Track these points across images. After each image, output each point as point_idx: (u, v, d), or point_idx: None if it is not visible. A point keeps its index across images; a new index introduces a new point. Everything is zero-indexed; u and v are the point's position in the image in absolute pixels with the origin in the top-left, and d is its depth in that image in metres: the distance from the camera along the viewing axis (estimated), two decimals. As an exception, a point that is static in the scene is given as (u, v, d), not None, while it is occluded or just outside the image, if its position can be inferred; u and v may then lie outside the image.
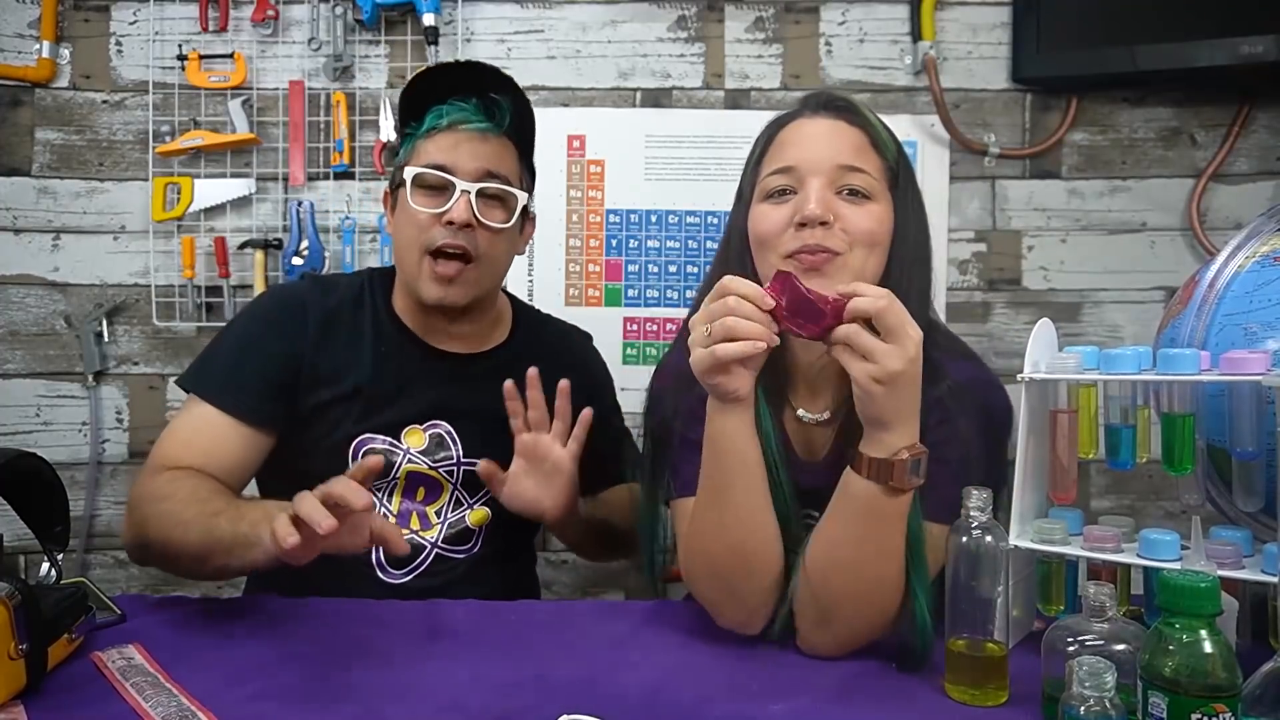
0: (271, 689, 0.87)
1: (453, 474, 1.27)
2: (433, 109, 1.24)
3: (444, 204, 1.20)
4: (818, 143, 1.01)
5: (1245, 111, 1.90)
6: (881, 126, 1.04)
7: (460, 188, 1.20)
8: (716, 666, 0.93)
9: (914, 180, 1.06)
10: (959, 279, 1.96)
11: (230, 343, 1.26)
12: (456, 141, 1.22)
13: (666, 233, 1.94)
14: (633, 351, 1.94)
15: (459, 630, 1.02)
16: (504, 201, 1.24)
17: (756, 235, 1.02)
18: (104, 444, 1.93)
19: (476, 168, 1.22)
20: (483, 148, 1.23)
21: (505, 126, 1.25)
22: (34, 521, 1.00)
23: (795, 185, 1.00)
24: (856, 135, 1.02)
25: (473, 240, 1.21)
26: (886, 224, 1.00)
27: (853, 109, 1.04)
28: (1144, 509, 1.93)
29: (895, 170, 1.03)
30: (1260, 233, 1.03)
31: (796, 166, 1.00)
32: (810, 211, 0.96)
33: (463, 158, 1.21)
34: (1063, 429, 0.96)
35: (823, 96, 1.07)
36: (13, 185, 1.91)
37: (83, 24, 1.91)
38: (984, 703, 0.84)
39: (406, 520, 1.26)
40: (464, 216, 1.19)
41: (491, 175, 1.22)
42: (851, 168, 0.99)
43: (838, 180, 0.99)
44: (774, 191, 1.01)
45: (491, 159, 1.23)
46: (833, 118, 1.03)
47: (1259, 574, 0.84)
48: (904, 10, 1.94)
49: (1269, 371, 0.84)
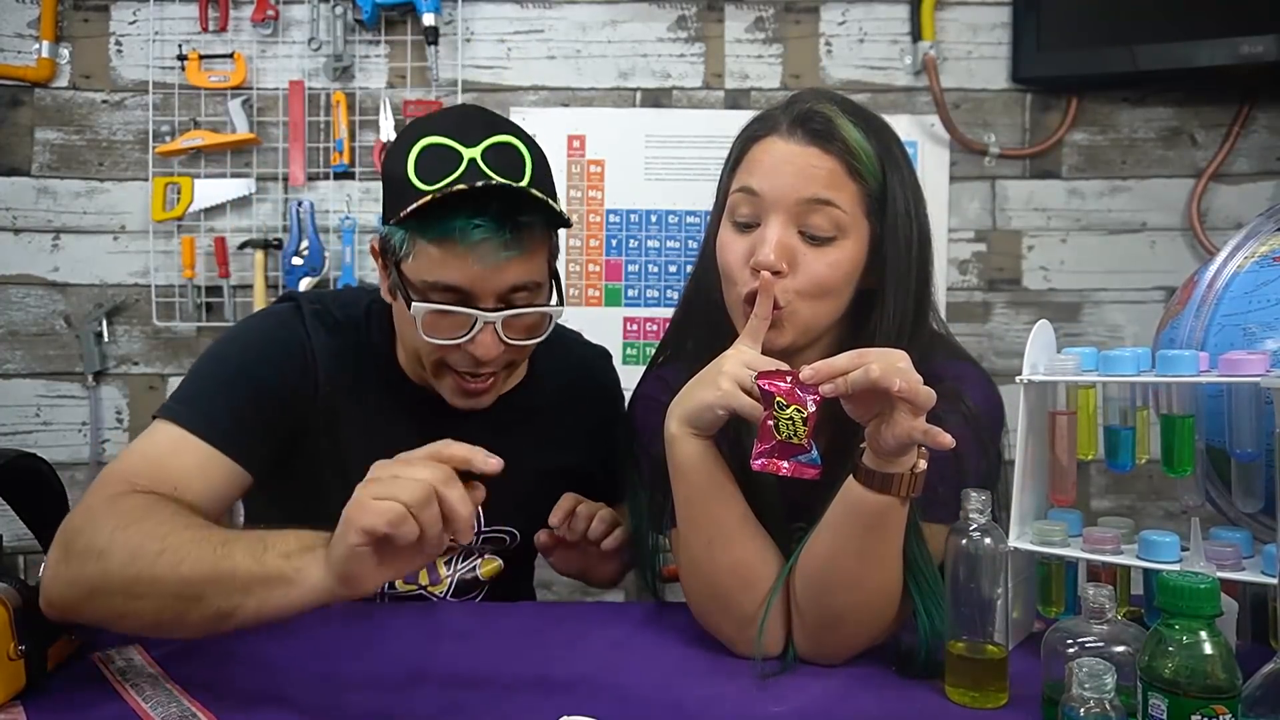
0: (271, 689, 0.87)
1: (473, 541, 1.14)
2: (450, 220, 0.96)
3: (460, 330, 0.99)
4: (786, 171, 0.96)
5: (1245, 111, 1.90)
6: (863, 147, 0.97)
7: (483, 319, 0.98)
8: (716, 667, 0.93)
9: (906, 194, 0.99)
10: (959, 279, 1.96)
11: (216, 369, 1.06)
12: (476, 261, 0.97)
13: (666, 233, 1.94)
14: (633, 351, 1.94)
15: (459, 630, 1.02)
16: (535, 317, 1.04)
17: (720, 263, 1.01)
18: (104, 444, 1.93)
19: (500, 287, 0.99)
20: (508, 268, 0.99)
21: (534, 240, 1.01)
22: (34, 521, 1.00)
23: (758, 216, 0.97)
24: (829, 164, 0.96)
25: (501, 362, 1.03)
26: (846, 266, 0.97)
27: (829, 134, 0.96)
28: (1144, 510, 1.93)
29: (880, 193, 0.97)
30: (1260, 233, 1.03)
31: (761, 196, 0.97)
32: (762, 258, 0.94)
33: (485, 282, 0.98)
34: (1062, 430, 0.96)
35: (801, 110, 0.98)
36: (13, 185, 1.91)
37: (82, 24, 1.91)
38: (984, 705, 0.84)
39: (414, 576, 1.14)
40: (491, 351, 1.00)
41: (518, 290, 1.00)
42: (818, 201, 0.95)
43: (801, 217, 0.96)
44: (738, 219, 0.99)
45: (519, 276, 1.00)
46: (806, 144, 0.96)
47: (1259, 575, 0.84)
48: (904, 10, 1.94)
49: (1268, 372, 0.84)
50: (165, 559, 0.80)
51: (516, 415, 1.16)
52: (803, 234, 0.96)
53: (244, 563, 0.79)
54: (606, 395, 1.32)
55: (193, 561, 0.80)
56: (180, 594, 0.80)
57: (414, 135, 1.00)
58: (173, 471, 0.95)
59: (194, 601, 0.80)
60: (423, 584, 1.15)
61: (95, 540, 0.84)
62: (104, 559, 0.82)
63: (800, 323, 0.97)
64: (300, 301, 1.11)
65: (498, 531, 1.17)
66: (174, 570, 0.80)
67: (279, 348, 1.06)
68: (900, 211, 0.98)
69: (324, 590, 0.78)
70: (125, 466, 0.95)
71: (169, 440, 0.98)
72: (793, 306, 0.96)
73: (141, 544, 0.82)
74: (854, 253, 0.97)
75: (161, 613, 0.81)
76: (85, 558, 0.83)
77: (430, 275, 0.98)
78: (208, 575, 0.79)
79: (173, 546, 0.81)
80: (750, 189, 0.97)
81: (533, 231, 0.99)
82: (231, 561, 0.79)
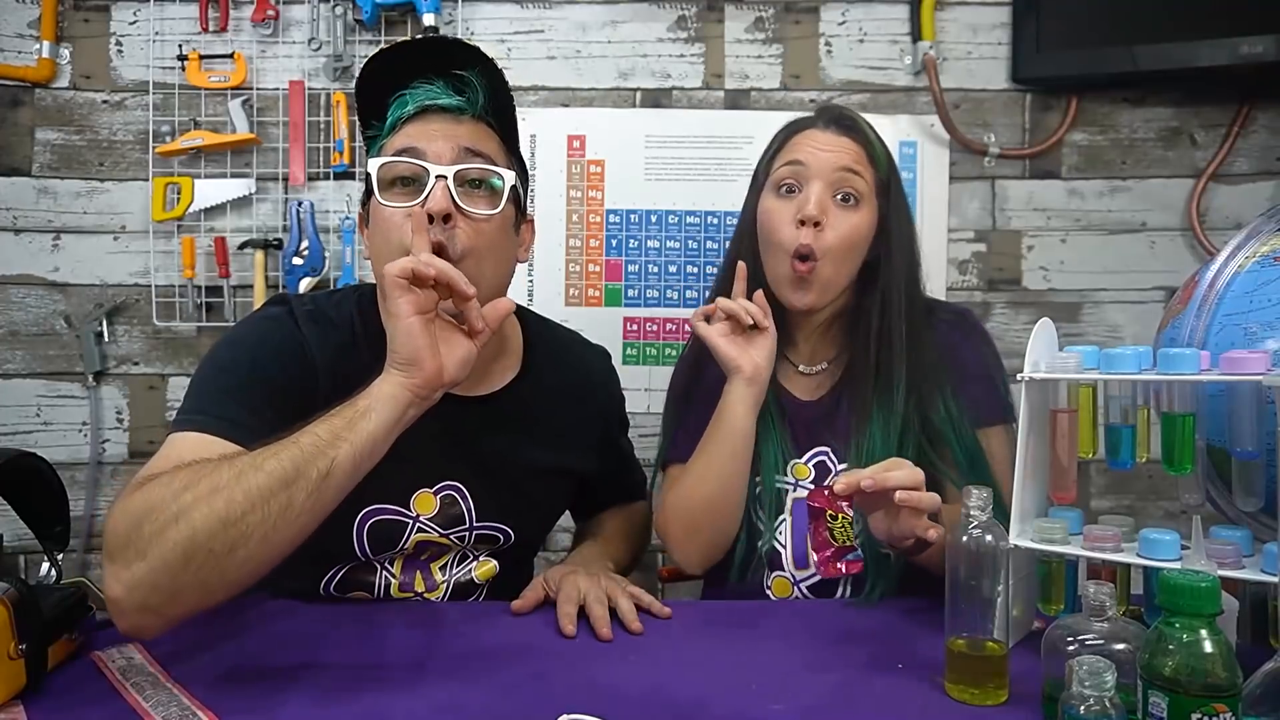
0: (271, 689, 0.86)
1: (464, 539, 1.15)
2: (395, 98, 1.06)
3: (417, 196, 1.01)
4: (826, 148, 1.21)
5: (1245, 111, 1.90)
6: (878, 142, 1.25)
7: (434, 172, 1.01)
8: (716, 666, 0.93)
9: (901, 186, 1.27)
10: (959, 279, 1.96)
11: (222, 374, 1.03)
12: (426, 124, 1.04)
13: (666, 233, 1.94)
14: (633, 351, 1.94)
15: (459, 630, 1.02)
16: (489, 187, 1.05)
17: (765, 225, 1.23)
18: (104, 444, 1.93)
19: (451, 148, 1.03)
20: (457, 128, 1.05)
21: (480, 105, 1.07)
22: (34, 521, 1.00)
23: (800, 182, 1.21)
24: (856, 148, 1.22)
25: (454, 236, 1.01)
26: (865, 230, 1.21)
27: (855, 127, 1.24)
28: (1144, 509, 1.93)
29: (886, 180, 1.24)
30: (1260, 233, 1.03)
31: (806, 165, 1.21)
32: (809, 212, 1.17)
33: (436, 142, 1.03)
34: (1063, 429, 0.96)
35: (834, 112, 1.26)
36: (13, 185, 1.91)
37: (83, 24, 1.91)
38: (984, 702, 0.84)
39: (411, 582, 1.14)
40: (442, 205, 0.99)
41: (471, 154, 1.04)
42: (850, 171, 1.20)
43: (836, 184, 1.20)
44: (782, 183, 1.22)
45: (468, 138, 1.05)
46: (840, 133, 1.23)
47: (1259, 574, 0.84)
48: (904, 10, 1.94)
49: (1269, 371, 0.84)
50: (245, 474, 0.82)
51: (514, 411, 1.16)
52: (835, 197, 1.20)
53: (318, 429, 0.85)
54: (606, 394, 1.33)
55: (272, 458, 0.83)
56: (276, 488, 0.81)
57: None
58: None
59: (291, 485, 0.82)
60: (419, 590, 1.15)
61: (163, 514, 0.81)
62: (184, 518, 0.80)
63: (825, 280, 1.20)
64: (292, 304, 1.11)
65: (491, 529, 1.16)
66: (258, 473, 0.82)
67: (280, 346, 1.06)
68: (899, 202, 1.25)
69: (396, 393, 0.87)
70: (152, 470, 0.90)
71: (191, 445, 0.93)
72: (823, 264, 1.18)
73: (215, 481, 0.82)
74: (869, 220, 1.22)
75: (267, 521, 0.81)
76: (161, 534, 0.80)
77: (390, 152, 1.05)
78: (293, 456, 0.83)
79: (243, 465, 0.83)
80: (797, 160, 1.21)
81: (475, 91, 1.06)
82: (309, 434, 0.84)
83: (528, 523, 1.20)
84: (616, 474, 1.38)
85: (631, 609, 1.04)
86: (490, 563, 1.19)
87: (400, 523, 1.10)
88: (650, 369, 1.92)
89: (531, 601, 1.08)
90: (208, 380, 1.03)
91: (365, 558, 1.11)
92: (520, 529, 1.18)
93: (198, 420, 0.97)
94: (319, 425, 0.85)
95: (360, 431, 0.85)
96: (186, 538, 0.80)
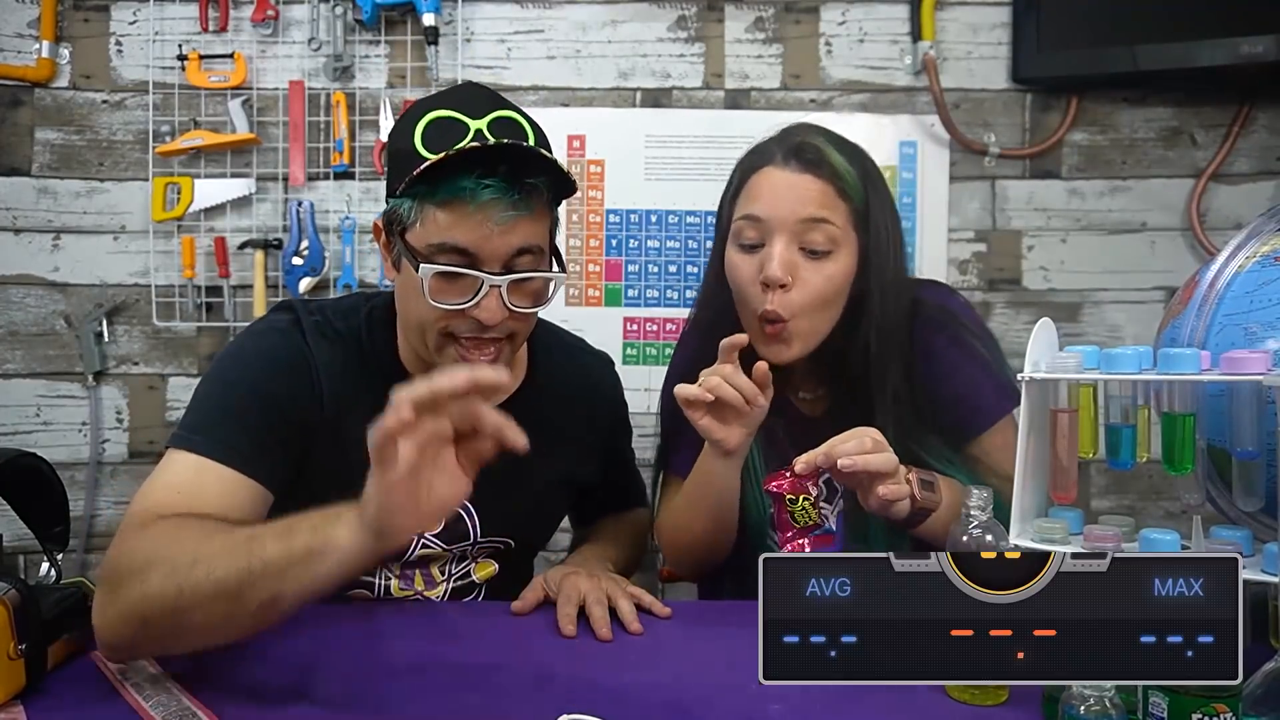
0: (272, 689, 0.87)
1: (468, 553, 1.16)
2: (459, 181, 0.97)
3: (466, 294, 0.99)
4: (785, 197, 1.10)
5: (1245, 111, 1.90)
6: (848, 168, 1.11)
7: (490, 283, 0.98)
8: (716, 666, 0.93)
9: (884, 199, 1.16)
10: (959, 279, 1.96)
11: (224, 392, 1.04)
12: (483, 223, 0.97)
13: (666, 233, 1.94)
14: (633, 351, 1.94)
15: (459, 630, 1.02)
16: (538, 283, 1.05)
17: (731, 280, 1.15)
18: (104, 444, 1.93)
19: (508, 251, 0.99)
20: (513, 230, 0.99)
21: (537, 205, 1.02)
22: (34, 521, 1.00)
23: (762, 238, 1.11)
24: (822, 187, 1.10)
25: (505, 329, 1.02)
26: (840, 278, 1.12)
27: (819, 161, 1.11)
28: (1144, 509, 1.93)
29: (864, 208, 1.12)
30: (1260, 233, 1.03)
31: (764, 220, 1.10)
32: (771, 274, 1.08)
33: (491, 244, 0.98)
34: (1063, 429, 0.96)
35: (793, 143, 1.12)
36: (13, 185, 1.91)
37: (82, 24, 1.91)
38: (984, 702, 0.84)
39: (410, 582, 1.16)
40: (496, 316, 0.99)
41: (523, 253, 1.01)
42: (815, 220, 1.09)
43: (801, 235, 1.10)
44: (745, 242, 1.13)
45: (524, 239, 1.00)
46: (800, 171, 1.10)
47: (1259, 574, 0.84)
48: (904, 10, 1.94)
49: (1269, 371, 0.84)
50: (199, 568, 0.81)
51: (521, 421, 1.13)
52: (803, 250, 1.10)
53: (274, 550, 0.80)
54: (609, 402, 1.32)
55: (225, 564, 0.80)
56: (220, 595, 0.80)
57: (420, 111, 1.02)
58: (198, 500, 0.94)
59: (236, 600, 0.80)
60: (419, 589, 1.15)
61: (132, 568, 0.84)
62: (144, 583, 0.82)
63: (804, 335, 1.12)
64: (299, 313, 1.10)
65: (494, 542, 1.17)
66: (209, 577, 0.80)
67: (283, 364, 1.05)
68: (880, 226, 1.13)
69: (356, 549, 0.78)
70: (150, 500, 0.93)
71: (189, 469, 0.96)
72: (796, 321, 1.10)
73: (176, 560, 0.83)
74: (847, 264, 1.12)
75: (210, 619, 0.81)
76: (128, 588, 0.83)
77: (437, 238, 0.98)
78: (242, 572, 0.79)
79: (205, 555, 0.82)
80: (754, 215, 1.11)
81: (539, 194, 1.00)
82: (263, 553, 0.80)
83: (531, 532, 1.21)
84: (618, 481, 1.38)
85: (631, 609, 1.03)
86: (491, 565, 1.20)
87: None
88: (650, 369, 1.91)
89: (531, 602, 1.07)
90: (210, 397, 1.04)
91: None
92: (523, 538, 1.19)
93: (196, 442, 0.98)
94: (277, 536, 0.81)
95: (310, 571, 0.80)
96: (139, 601, 0.83)
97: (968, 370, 1.18)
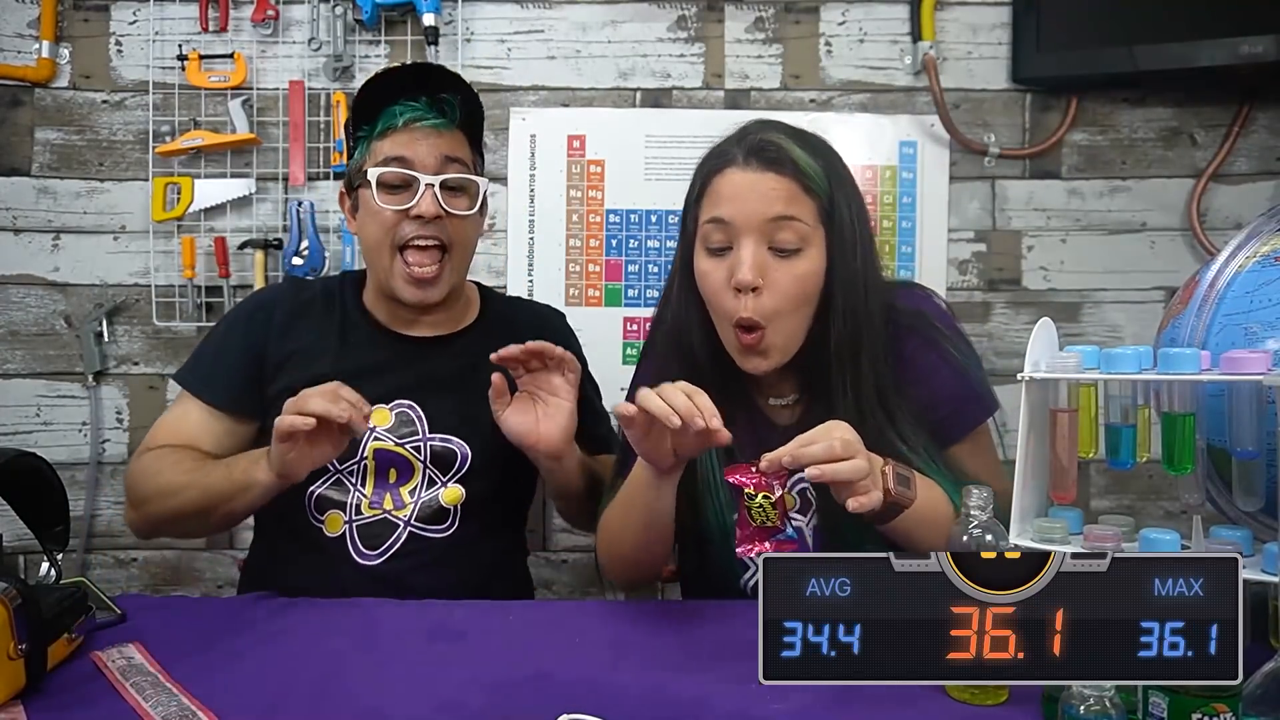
0: (271, 688, 0.87)
1: (420, 451, 1.28)
2: (385, 110, 1.28)
3: (408, 200, 1.25)
4: (749, 197, 1.08)
5: (1245, 111, 1.90)
6: (811, 163, 1.09)
7: (424, 181, 1.25)
8: (716, 666, 0.93)
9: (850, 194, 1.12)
10: (959, 279, 1.96)
11: (210, 341, 1.38)
12: (413, 137, 1.27)
13: (666, 233, 1.94)
14: (632, 352, 1.94)
15: (459, 630, 1.02)
16: (466, 190, 1.30)
17: (703, 288, 1.12)
18: (104, 444, 1.93)
19: (436, 159, 1.27)
20: (439, 141, 1.28)
21: (457, 120, 1.31)
22: (34, 521, 1.00)
23: (730, 241, 1.09)
24: (786, 185, 1.07)
25: (443, 231, 1.27)
26: (813, 276, 1.09)
27: (781, 159, 1.08)
28: (1144, 509, 1.93)
29: (830, 202, 1.10)
30: (1260, 233, 1.03)
31: (730, 222, 1.08)
32: (743, 278, 1.06)
33: (421, 152, 1.26)
34: (1063, 428, 0.96)
35: (753, 142, 1.10)
36: (13, 185, 1.91)
37: (82, 24, 1.91)
38: (984, 701, 0.84)
39: (380, 501, 1.28)
40: (432, 209, 1.25)
41: (452, 163, 1.28)
42: (782, 218, 1.07)
43: (769, 235, 1.07)
44: (712, 246, 1.10)
45: (449, 149, 1.28)
46: (762, 170, 1.08)
47: (1259, 574, 0.84)
48: (904, 10, 1.94)
49: (1269, 371, 0.84)
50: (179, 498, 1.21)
51: (470, 344, 1.33)
52: (772, 249, 1.08)
53: (221, 481, 1.19)
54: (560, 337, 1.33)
55: (195, 493, 1.20)
56: (199, 512, 1.21)
57: None
58: (184, 433, 1.29)
59: (207, 514, 1.21)
60: (388, 509, 1.28)
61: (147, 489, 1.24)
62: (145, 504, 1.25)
63: (781, 345, 1.10)
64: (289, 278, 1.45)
65: (445, 443, 1.29)
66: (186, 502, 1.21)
67: (253, 310, 1.36)
68: (845, 220, 1.10)
69: (271, 483, 1.14)
70: (153, 435, 1.32)
71: (180, 405, 1.34)
72: (772, 330, 1.08)
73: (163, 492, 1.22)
74: (817, 262, 1.09)
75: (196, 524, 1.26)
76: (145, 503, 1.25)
77: (381, 156, 1.27)
78: (208, 498, 1.19)
79: (182, 486, 1.21)
80: (720, 218, 1.09)
81: (454, 112, 1.30)
82: (216, 485, 1.19)
83: (488, 444, 1.27)
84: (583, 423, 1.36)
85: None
86: (457, 489, 1.29)
87: None
88: (650, 369, 1.91)
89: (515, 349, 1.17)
90: (205, 341, 1.40)
91: (332, 467, 1.26)
92: (479, 450, 1.29)
93: (188, 381, 1.34)
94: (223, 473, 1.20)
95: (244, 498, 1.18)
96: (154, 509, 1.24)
97: (941, 376, 1.14)
